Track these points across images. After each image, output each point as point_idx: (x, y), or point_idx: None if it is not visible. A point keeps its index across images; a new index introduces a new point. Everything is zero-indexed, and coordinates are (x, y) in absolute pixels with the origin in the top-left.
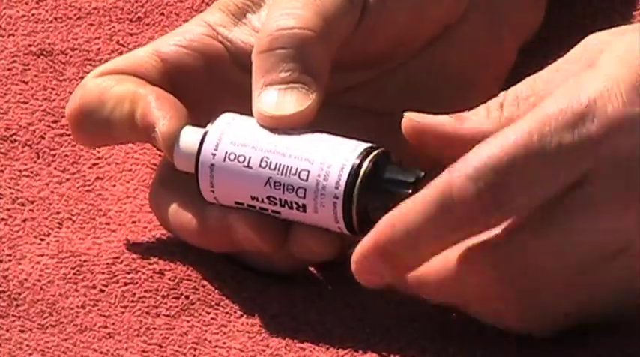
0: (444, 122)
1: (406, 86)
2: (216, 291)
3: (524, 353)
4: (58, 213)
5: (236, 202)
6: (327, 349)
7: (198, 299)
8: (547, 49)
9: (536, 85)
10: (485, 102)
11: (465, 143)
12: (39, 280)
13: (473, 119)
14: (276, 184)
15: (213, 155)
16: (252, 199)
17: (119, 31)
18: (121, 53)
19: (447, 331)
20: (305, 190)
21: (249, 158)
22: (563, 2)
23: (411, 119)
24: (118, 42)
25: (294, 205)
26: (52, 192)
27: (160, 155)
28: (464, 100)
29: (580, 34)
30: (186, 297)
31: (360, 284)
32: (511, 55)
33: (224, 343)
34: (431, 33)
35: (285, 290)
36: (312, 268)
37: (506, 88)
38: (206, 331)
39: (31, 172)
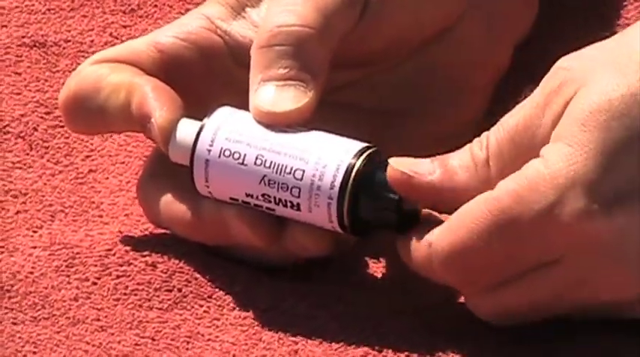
0: (432, 178)
1: (402, 85)
2: (209, 284)
3: (514, 347)
4: (50, 205)
5: (231, 198)
6: (320, 343)
7: (191, 292)
8: (542, 46)
9: (515, 139)
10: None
11: (454, 196)
12: (31, 273)
13: (461, 176)
14: (271, 182)
15: (209, 151)
16: (247, 195)
17: (112, 22)
18: (113, 45)
19: (437, 324)
20: (300, 189)
21: (245, 155)
22: None
23: (396, 170)
24: (111, 34)
25: (289, 204)
26: (45, 184)
27: (152, 147)
28: (457, 101)
29: (572, 29)
30: (179, 290)
31: (350, 279)
32: (505, 56)
33: (217, 336)
34: (428, 34)
35: (276, 284)
36: (303, 263)
37: (499, 90)
38: (199, 324)
39: (24, 164)
